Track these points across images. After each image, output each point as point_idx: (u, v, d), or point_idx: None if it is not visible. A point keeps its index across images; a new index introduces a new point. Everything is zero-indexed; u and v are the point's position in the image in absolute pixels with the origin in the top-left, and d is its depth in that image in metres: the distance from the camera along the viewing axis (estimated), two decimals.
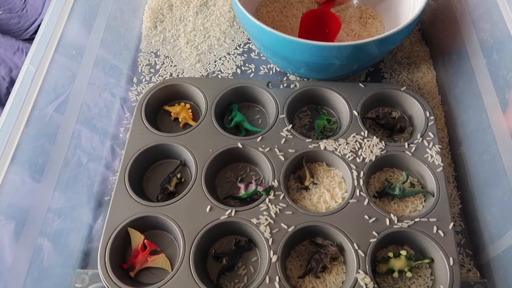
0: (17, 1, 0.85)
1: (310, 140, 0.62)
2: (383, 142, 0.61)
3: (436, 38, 0.76)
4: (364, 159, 0.60)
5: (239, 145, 0.61)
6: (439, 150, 0.60)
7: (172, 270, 0.53)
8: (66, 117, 0.61)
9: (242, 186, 0.59)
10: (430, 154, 0.60)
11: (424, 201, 0.59)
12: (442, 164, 0.59)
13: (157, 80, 0.75)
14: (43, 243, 0.54)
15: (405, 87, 0.66)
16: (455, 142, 0.66)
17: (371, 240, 0.53)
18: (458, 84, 0.66)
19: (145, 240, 0.56)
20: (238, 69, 0.76)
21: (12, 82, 0.77)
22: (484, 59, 0.58)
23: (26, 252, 0.51)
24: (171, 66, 0.77)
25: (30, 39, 0.82)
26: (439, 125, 0.68)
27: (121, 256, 0.56)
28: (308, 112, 0.68)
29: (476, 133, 0.60)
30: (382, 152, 0.60)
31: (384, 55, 0.75)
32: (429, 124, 0.62)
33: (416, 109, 0.65)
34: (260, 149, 0.61)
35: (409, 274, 0.53)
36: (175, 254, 0.56)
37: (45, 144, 0.57)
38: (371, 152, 0.60)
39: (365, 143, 0.61)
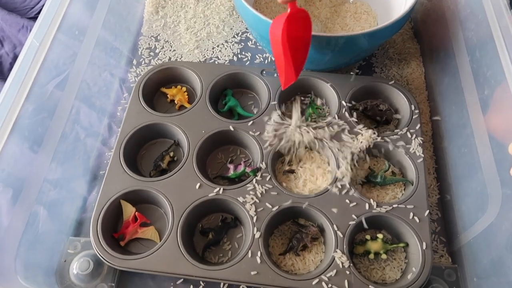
0: None
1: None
2: (368, 132, 0.63)
3: (427, 36, 0.79)
4: (349, 147, 0.62)
5: (231, 128, 0.64)
6: (421, 142, 0.63)
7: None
8: (66, 94, 0.64)
9: (231, 166, 0.62)
10: (413, 146, 0.63)
11: (404, 189, 0.62)
12: (422, 155, 0.62)
13: (156, 63, 0.78)
14: (38, 211, 0.57)
15: (393, 81, 0.68)
16: (438, 136, 0.68)
17: (350, 223, 0.56)
18: (443, 80, 0.68)
19: (136, 213, 0.58)
20: (234, 56, 0.78)
21: (15, 58, 0.79)
22: (468, 56, 0.60)
23: (22, 217, 0.54)
24: (170, 50, 0.79)
25: (35, 18, 0.84)
26: (424, 119, 0.71)
27: (113, 226, 0.59)
28: (299, 100, 0.71)
29: (457, 127, 0.62)
30: (367, 142, 0.63)
31: (375, 49, 0.77)
32: (413, 117, 0.65)
33: (402, 103, 0.68)
34: (250, 132, 0.64)
35: (384, 256, 0.56)
36: (164, 227, 0.59)
37: (44, 118, 0.59)
38: (357, 140, 0.63)
39: (351, 132, 0.64)
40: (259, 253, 0.54)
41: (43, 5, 0.63)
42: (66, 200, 0.62)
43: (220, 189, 0.59)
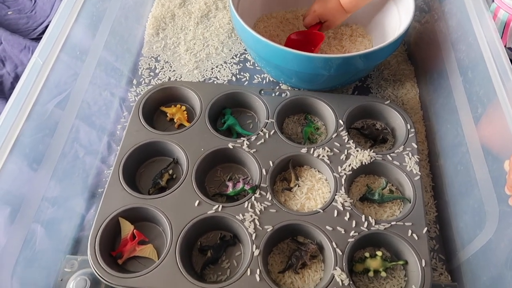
0: (27, 2, 0.90)
1: (297, 145, 0.65)
2: (365, 150, 0.64)
3: (420, 58, 0.81)
4: (347, 165, 0.63)
5: (230, 146, 0.65)
6: (418, 160, 0.64)
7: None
8: (66, 113, 0.64)
9: (230, 184, 0.62)
10: (409, 164, 0.63)
11: (402, 207, 0.62)
12: (419, 173, 0.62)
13: (156, 83, 0.79)
14: (36, 229, 0.56)
15: (389, 101, 0.70)
16: (434, 155, 0.70)
17: (349, 240, 0.56)
18: (438, 100, 0.70)
19: (135, 230, 0.58)
20: (233, 77, 0.80)
21: (16, 78, 0.80)
22: (461, 77, 0.62)
23: (20, 235, 0.53)
24: (170, 70, 0.81)
25: (37, 39, 0.86)
26: (420, 138, 0.72)
27: (111, 244, 0.58)
28: (297, 119, 0.72)
29: (452, 145, 0.64)
30: (364, 160, 0.64)
31: (370, 70, 0.80)
32: (409, 136, 0.66)
33: (398, 122, 0.69)
34: (249, 150, 0.64)
35: (383, 274, 0.56)
36: (163, 245, 0.58)
37: (44, 136, 0.60)
38: (354, 159, 0.64)
39: (348, 150, 0.65)
40: (258, 271, 0.54)
41: (45, 27, 0.65)
42: (64, 218, 0.61)
43: (219, 206, 0.59)
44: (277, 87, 0.77)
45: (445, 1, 0.71)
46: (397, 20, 0.75)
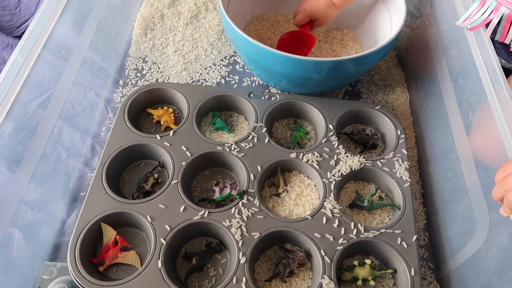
0: None
1: (286, 149, 0.64)
2: (355, 156, 0.63)
3: (411, 63, 0.81)
4: (336, 171, 0.62)
5: (218, 149, 0.63)
6: (408, 167, 0.63)
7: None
8: (48, 113, 0.62)
9: (217, 189, 0.60)
10: (399, 170, 0.63)
11: (391, 214, 0.61)
12: (409, 180, 0.62)
13: (143, 84, 0.77)
14: (13, 233, 0.54)
15: (379, 106, 0.69)
16: (423, 161, 0.69)
17: (337, 248, 0.55)
18: (428, 106, 0.70)
19: (117, 236, 0.56)
20: (222, 79, 0.78)
21: None
22: (452, 83, 0.62)
23: None
24: (157, 72, 0.79)
25: (21, 37, 0.83)
26: (410, 144, 0.72)
27: (92, 251, 0.56)
28: (286, 124, 0.71)
29: (442, 152, 0.63)
30: (354, 166, 0.63)
31: (361, 74, 0.79)
32: (399, 142, 0.66)
33: (388, 127, 0.68)
34: (237, 155, 0.63)
35: (372, 283, 0.55)
36: (146, 252, 0.57)
37: (25, 137, 0.57)
38: (344, 164, 0.63)
39: (338, 156, 0.64)
40: (244, 279, 0.52)
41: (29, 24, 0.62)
42: (43, 223, 0.59)
43: (205, 212, 0.57)
44: (267, 91, 0.76)
45: (436, 6, 0.71)
46: (389, 25, 0.74)
